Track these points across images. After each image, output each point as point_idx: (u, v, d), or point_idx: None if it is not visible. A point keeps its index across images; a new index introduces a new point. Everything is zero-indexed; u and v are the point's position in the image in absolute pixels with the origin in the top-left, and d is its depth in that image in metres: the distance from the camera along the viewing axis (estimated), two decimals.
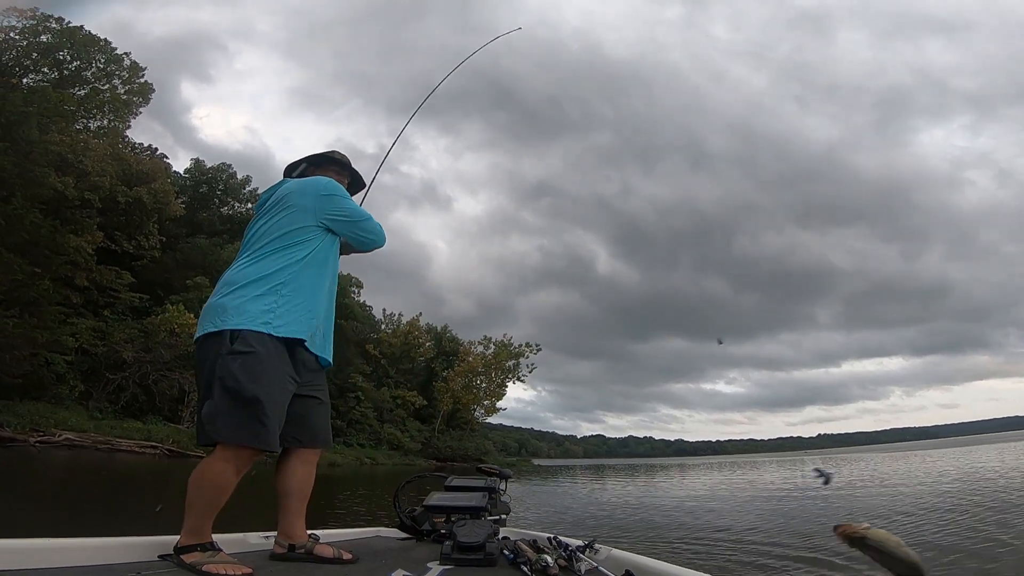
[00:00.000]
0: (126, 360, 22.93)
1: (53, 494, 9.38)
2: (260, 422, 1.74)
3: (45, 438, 17.23)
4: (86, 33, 24.39)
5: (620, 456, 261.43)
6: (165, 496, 10.97)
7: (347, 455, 34.71)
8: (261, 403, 1.74)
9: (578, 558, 1.96)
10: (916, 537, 6.10)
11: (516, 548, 2.02)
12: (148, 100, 27.78)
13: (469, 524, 2.15)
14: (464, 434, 52.96)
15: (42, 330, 17.85)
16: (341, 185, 2.23)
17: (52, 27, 23.05)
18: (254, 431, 1.74)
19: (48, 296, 18.42)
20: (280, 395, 1.82)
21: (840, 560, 4.87)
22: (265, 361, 1.78)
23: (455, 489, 2.85)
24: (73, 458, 16.18)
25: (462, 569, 1.91)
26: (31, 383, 19.27)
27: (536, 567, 1.81)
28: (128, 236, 28.40)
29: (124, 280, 26.15)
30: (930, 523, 7.08)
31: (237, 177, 44.55)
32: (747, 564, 5.42)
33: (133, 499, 9.82)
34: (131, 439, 20.64)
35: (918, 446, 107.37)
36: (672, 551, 6.22)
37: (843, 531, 1.30)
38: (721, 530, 7.60)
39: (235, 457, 1.75)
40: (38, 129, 18.08)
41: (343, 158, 2.40)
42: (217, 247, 35.48)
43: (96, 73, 24.94)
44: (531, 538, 2.36)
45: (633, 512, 10.88)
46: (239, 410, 1.73)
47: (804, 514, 9.16)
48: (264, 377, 1.76)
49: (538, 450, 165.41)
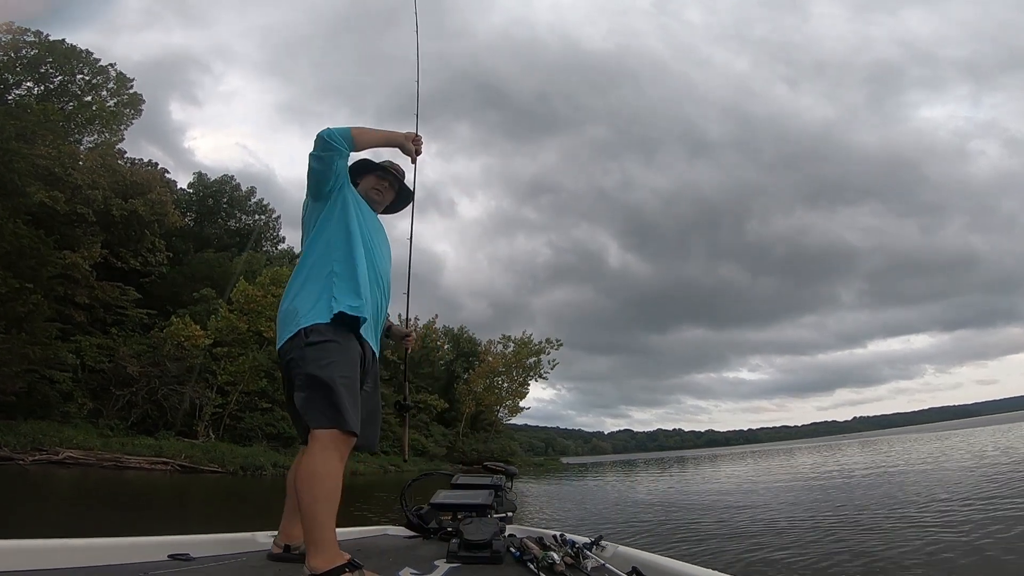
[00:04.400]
0: (132, 376, 22.24)
1: (24, 515, 8.31)
2: (341, 405, 1.68)
3: (43, 457, 16.40)
4: (68, 46, 23.83)
5: (649, 450, 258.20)
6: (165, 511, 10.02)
7: (370, 463, 33.75)
8: (334, 386, 1.69)
9: (585, 555, 1.94)
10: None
11: (522, 545, 2.01)
12: (139, 112, 27.24)
13: (475, 522, 2.16)
14: (489, 436, 51.99)
15: (34, 346, 17.14)
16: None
17: (31, 40, 22.45)
18: (342, 415, 1.67)
19: (40, 311, 17.72)
20: (352, 378, 1.78)
21: (858, 559, 4.81)
22: (335, 349, 1.77)
23: (461, 487, 2.86)
24: (71, 476, 15.39)
25: (469, 567, 1.88)
26: (35, 402, 18.68)
27: (542, 564, 1.79)
28: (134, 253, 27.94)
29: (129, 296, 25.66)
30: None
31: (241, 189, 44.29)
32: (762, 561, 5.24)
33: (119, 516, 8.91)
34: (141, 455, 19.84)
35: (959, 425, 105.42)
36: (685, 548, 6.19)
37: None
38: (740, 525, 7.45)
39: (332, 443, 1.66)
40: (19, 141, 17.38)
41: (388, 165, 2.34)
42: (226, 260, 35.13)
43: (82, 86, 24.37)
44: (537, 535, 2.33)
45: (652, 507, 10.68)
46: (323, 395, 1.69)
47: (833, 506, 8.78)
48: (336, 363, 1.74)
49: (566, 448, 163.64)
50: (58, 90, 23.73)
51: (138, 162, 31.20)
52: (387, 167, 2.31)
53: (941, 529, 6.00)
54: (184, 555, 1.72)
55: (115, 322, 26.00)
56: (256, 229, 43.42)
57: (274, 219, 47.04)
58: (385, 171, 2.28)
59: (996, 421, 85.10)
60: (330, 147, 1.96)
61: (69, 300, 21.44)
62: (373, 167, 2.28)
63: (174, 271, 32.36)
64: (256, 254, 38.01)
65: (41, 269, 17.33)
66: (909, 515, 7.11)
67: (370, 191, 2.24)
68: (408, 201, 2.42)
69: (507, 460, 34.34)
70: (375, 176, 2.26)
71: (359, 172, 2.24)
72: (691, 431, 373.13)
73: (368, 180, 2.25)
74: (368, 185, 2.25)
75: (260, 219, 45.88)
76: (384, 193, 2.28)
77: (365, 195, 2.20)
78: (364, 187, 2.23)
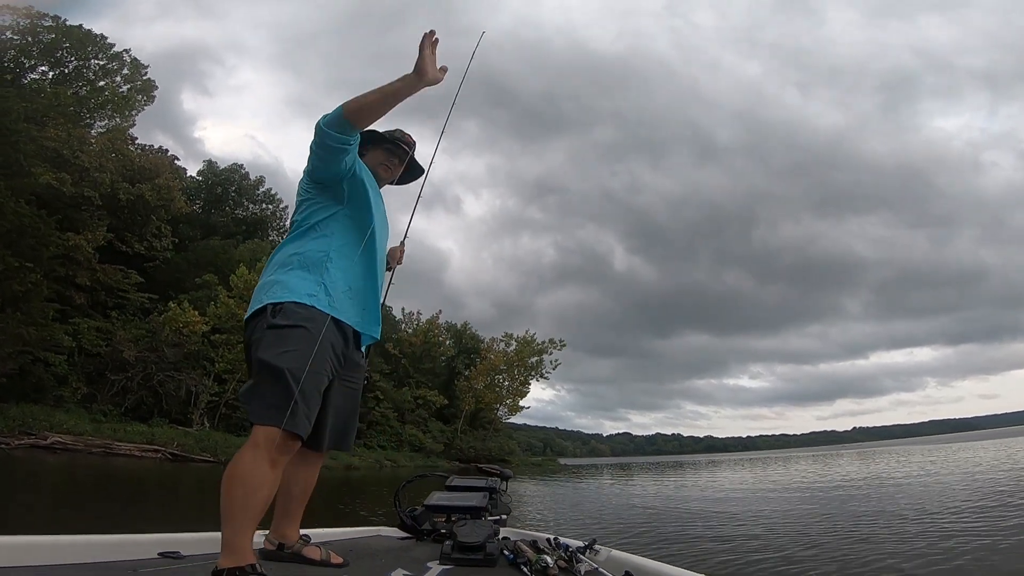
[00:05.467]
0: (128, 360, 22.15)
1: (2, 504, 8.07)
2: (289, 401, 1.50)
3: (28, 442, 16.22)
4: (84, 32, 23.93)
5: (648, 454, 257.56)
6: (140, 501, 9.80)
7: (366, 457, 33.70)
8: (286, 379, 1.51)
9: (578, 559, 1.94)
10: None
11: (516, 548, 2.02)
12: (152, 98, 27.28)
13: (469, 524, 2.14)
14: (487, 434, 51.80)
15: (29, 327, 17.02)
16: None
17: (48, 25, 22.54)
18: (285, 412, 1.48)
19: (38, 291, 17.63)
20: (316, 373, 1.59)
21: (851, 569, 4.80)
22: (301, 336, 1.59)
23: (456, 489, 2.85)
24: (57, 463, 15.20)
25: (462, 569, 1.88)
26: (29, 385, 18.46)
27: (536, 568, 1.81)
28: (139, 237, 27.96)
29: (132, 280, 25.64)
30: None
31: (250, 178, 44.40)
32: (752, 568, 5.21)
33: (93, 506, 8.64)
34: (132, 442, 19.69)
35: (959, 438, 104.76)
36: (677, 549, 6.18)
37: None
38: (734, 532, 7.39)
39: (266, 443, 1.47)
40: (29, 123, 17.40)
41: (397, 134, 2.07)
42: (231, 247, 35.18)
43: (96, 71, 24.44)
44: (531, 538, 2.36)
45: (647, 511, 10.65)
46: (270, 386, 1.53)
47: (828, 514, 8.72)
48: (296, 352, 1.56)
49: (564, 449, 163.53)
50: (73, 75, 23.81)
51: (148, 148, 31.29)
52: (397, 140, 2.05)
53: (936, 541, 5.92)
54: (174, 553, 1.69)
55: (116, 305, 26.02)
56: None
57: (282, 209, 47.20)
58: (395, 145, 2.04)
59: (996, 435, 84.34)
60: (331, 149, 1.68)
61: (70, 281, 21.39)
62: (381, 139, 2.03)
63: (178, 257, 32.42)
64: (262, 243, 38.10)
65: (41, 249, 17.33)
66: (904, 527, 7.04)
67: (378, 167, 2.01)
68: (417, 175, 2.16)
69: (505, 459, 34.14)
70: (383, 151, 2.02)
71: (364, 143, 1.96)
72: (690, 436, 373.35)
73: (376, 154, 2.01)
74: (376, 160, 2.01)
75: (268, 208, 46.06)
76: (393, 170, 2.05)
77: (372, 170, 1.97)
78: (371, 161, 2.00)
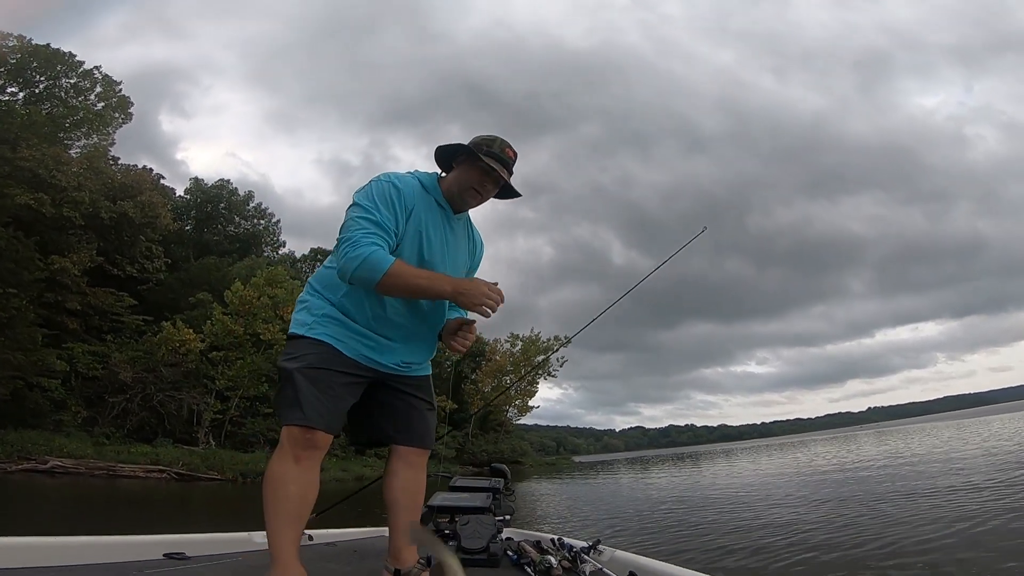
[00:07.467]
0: (125, 382, 21.65)
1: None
2: (298, 398, 1.50)
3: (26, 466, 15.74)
4: (52, 50, 23.36)
5: (662, 446, 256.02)
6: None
7: (378, 467, 33.17)
8: (294, 378, 1.52)
9: (582, 559, 1.95)
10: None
11: (520, 549, 2.04)
12: (129, 115, 26.69)
13: (473, 524, 2.17)
14: (499, 436, 51.22)
15: (16, 352, 16.48)
16: (368, 189, 1.59)
17: (13, 45, 22.02)
18: (297, 408, 1.48)
19: (23, 316, 17.08)
20: (324, 371, 1.54)
21: (868, 568, 4.58)
22: (308, 344, 1.57)
23: (460, 489, 2.86)
24: (54, 484, 14.71)
25: (466, 570, 1.62)
26: (26, 411, 18.10)
27: (539, 568, 1.83)
28: (130, 259, 27.41)
29: (125, 303, 25.08)
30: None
31: (239, 194, 43.87)
32: (761, 566, 5.05)
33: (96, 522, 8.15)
34: (136, 464, 19.21)
35: (976, 412, 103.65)
36: (685, 545, 6.09)
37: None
38: (749, 527, 7.20)
39: (289, 441, 1.49)
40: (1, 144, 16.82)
41: (497, 150, 1.65)
42: (226, 265, 34.68)
43: (68, 90, 23.89)
44: (535, 539, 2.39)
45: (659, 507, 10.37)
46: (282, 388, 1.57)
47: (845, 504, 8.32)
48: (304, 355, 1.55)
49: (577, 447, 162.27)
50: (44, 94, 23.32)
51: (132, 167, 30.73)
52: (503, 160, 1.64)
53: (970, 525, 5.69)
54: (179, 554, 1.72)
55: (111, 329, 25.48)
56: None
57: (274, 223, 46.73)
58: (500, 164, 1.64)
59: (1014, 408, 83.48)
60: (351, 278, 1.53)
61: (60, 306, 20.85)
62: (477, 154, 1.63)
63: (172, 277, 31.89)
64: (257, 259, 37.58)
65: (22, 272, 16.78)
66: (926, 508, 6.87)
67: (466, 191, 1.66)
68: (510, 195, 1.78)
69: (518, 461, 33.48)
70: (479, 170, 1.63)
71: (453, 154, 1.68)
72: (704, 426, 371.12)
73: (469, 174, 1.64)
74: (466, 181, 1.65)
75: (260, 224, 45.58)
76: (485, 195, 1.69)
77: (457, 191, 1.65)
78: (459, 180, 1.66)
